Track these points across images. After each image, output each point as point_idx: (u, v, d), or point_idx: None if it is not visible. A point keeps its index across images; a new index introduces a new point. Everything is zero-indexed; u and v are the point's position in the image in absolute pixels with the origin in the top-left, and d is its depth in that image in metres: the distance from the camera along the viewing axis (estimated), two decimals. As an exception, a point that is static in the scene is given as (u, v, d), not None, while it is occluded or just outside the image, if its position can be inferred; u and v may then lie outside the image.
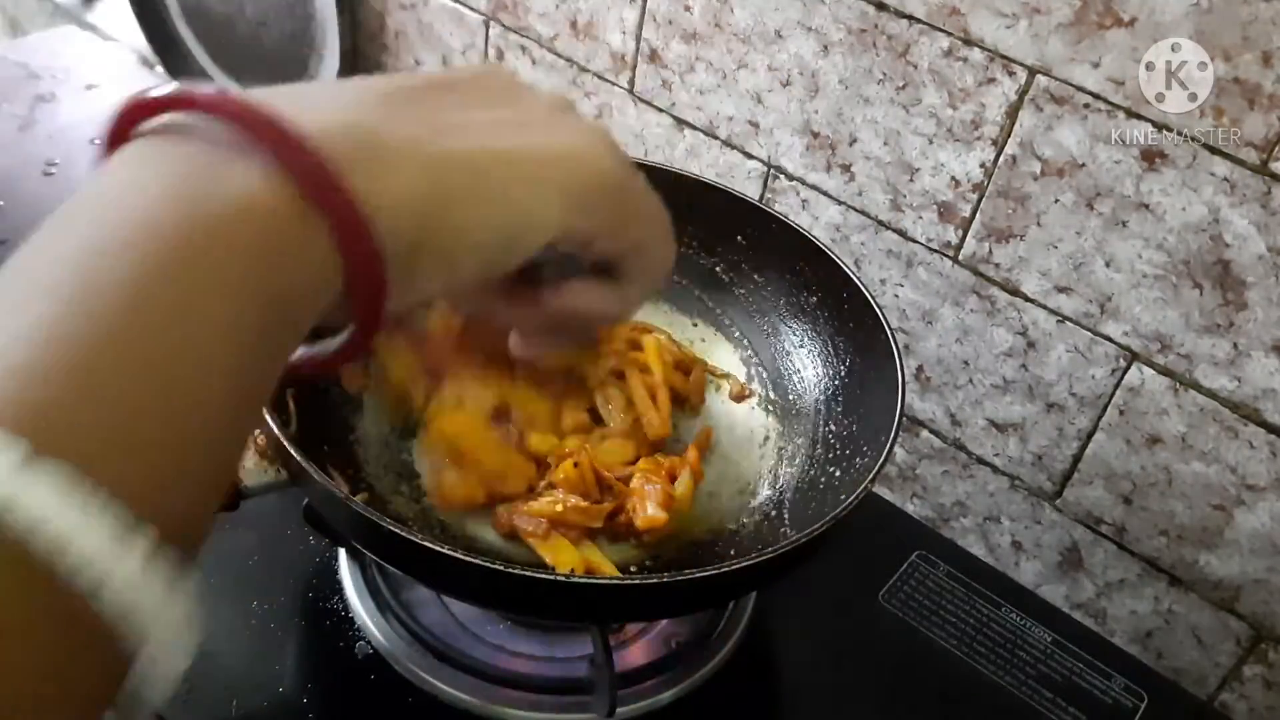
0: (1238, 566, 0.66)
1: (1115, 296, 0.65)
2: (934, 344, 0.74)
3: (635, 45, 0.81)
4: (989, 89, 0.65)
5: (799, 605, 0.67)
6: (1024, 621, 0.68)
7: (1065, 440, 0.71)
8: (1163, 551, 0.69)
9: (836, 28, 0.69)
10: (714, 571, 0.45)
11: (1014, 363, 0.71)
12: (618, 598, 0.47)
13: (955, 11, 0.64)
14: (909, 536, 0.74)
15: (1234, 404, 0.63)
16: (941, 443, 0.78)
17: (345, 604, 0.61)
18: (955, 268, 0.71)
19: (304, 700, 0.56)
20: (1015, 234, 0.67)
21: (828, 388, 0.63)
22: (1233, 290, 0.60)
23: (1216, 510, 0.66)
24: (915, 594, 0.69)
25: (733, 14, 0.74)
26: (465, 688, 0.57)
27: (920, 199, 0.71)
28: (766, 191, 0.79)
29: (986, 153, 0.66)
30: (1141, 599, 0.72)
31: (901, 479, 0.81)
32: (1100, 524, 0.72)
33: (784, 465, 0.61)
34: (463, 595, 0.55)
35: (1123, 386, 0.67)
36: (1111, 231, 0.63)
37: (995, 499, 0.76)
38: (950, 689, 0.64)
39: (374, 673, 0.58)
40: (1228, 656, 0.69)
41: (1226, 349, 0.62)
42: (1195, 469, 0.66)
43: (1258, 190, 0.57)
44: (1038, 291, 0.68)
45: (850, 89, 0.70)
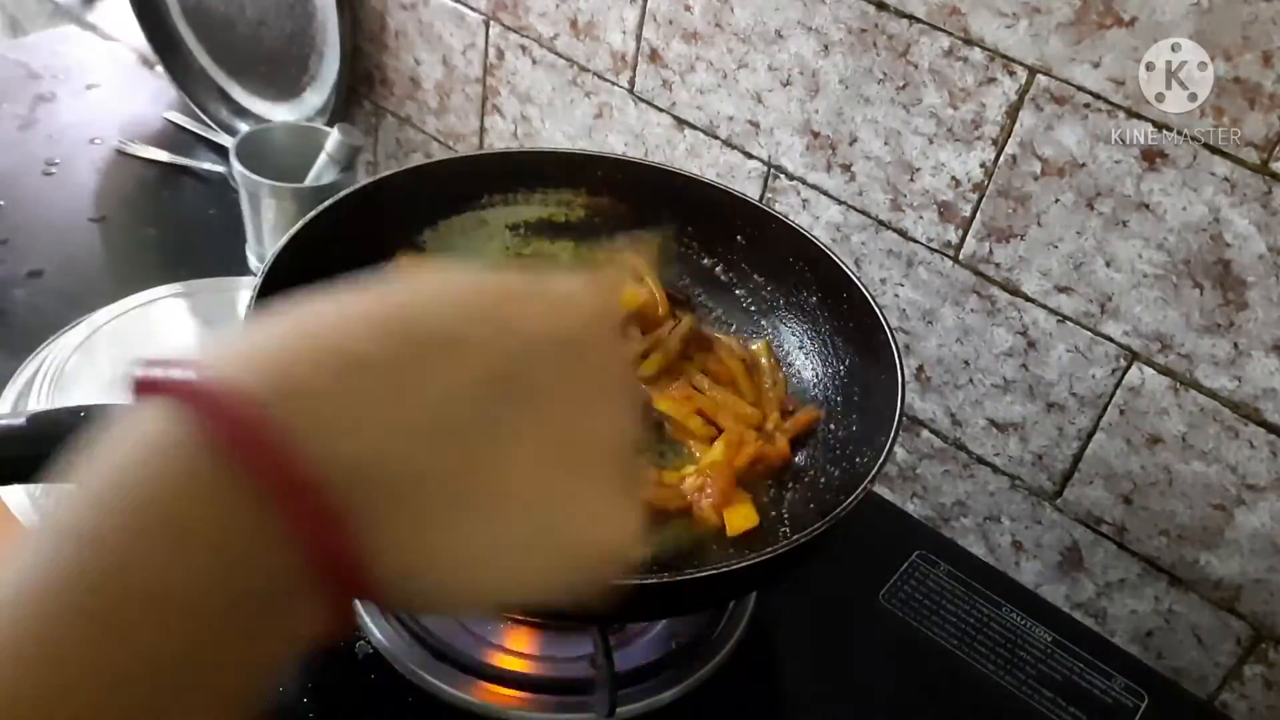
0: (1238, 566, 0.66)
1: (1115, 296, 0.65)
2: (934, 344, 0.74)
3: (636, 45, 0.81)
4: (989, 89, 0.64)
5: (799, 605, 0.67)
6: (1024, 621, 0.68)
7: (1065, 440, 0.71)
8: (1163, 551, 0.69)
9: (837, 27, 0.69)
10: (714, 571, 0.45)
11: (1014, 362, 0.71)
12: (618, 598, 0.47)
13: (955, 11, 0.64)
14: (909, 536, 0.74)
15: (1234, 404, 0.63)
16: (942, 442, 0.78)
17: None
18: (955, 267, 0.71)
19: (304, 700, 0.56)
20: (1015, 234, 0.67)
21: (828, 388, 0.63)
22: (1233, 290, 0.60)
23: (1217, 510, 0.66)
24: (915, 594, 0.69)
25: (733, 14, 0.74)
26: (465, 688, 0.57)
27: (920, 199, 0.71)
28: (767, 191, 0.79)
29: (987, 152, 0.66)
30: (1142, 599, 0.72)
31: (901, 479, 0.81)
32: (1100, 524, 0.72)
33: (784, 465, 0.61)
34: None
35: (1123, 386, 0.67)
36: (1112, 231, 0.63)
37: (995, 499, 0.76)
38: (950, 689, 0.64)
39: (374, 673, 0.58)
40: (1228, 656, 0.69)
41: (1227, 349, 0.62)
42: (1195, 469, 0.66)
43: (1258, 190, 0.57)
44: (1038, 291, 0.68)
45: (850, 89, 0.70)
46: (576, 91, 0.87)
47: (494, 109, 0.94)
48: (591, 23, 0.83)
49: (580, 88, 0.86)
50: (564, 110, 0.89)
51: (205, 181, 1.00)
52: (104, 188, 0.98)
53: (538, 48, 0.87)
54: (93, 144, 1.02)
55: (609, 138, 0.87)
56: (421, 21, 0.94)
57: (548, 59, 0.87)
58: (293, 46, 1.00)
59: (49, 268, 0.86)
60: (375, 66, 1.01)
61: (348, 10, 0.94)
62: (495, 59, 0.91)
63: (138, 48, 1.14)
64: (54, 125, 1.04)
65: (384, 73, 1.01)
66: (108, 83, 1.12)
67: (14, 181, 0.95)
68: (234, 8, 1.02)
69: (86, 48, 1.19)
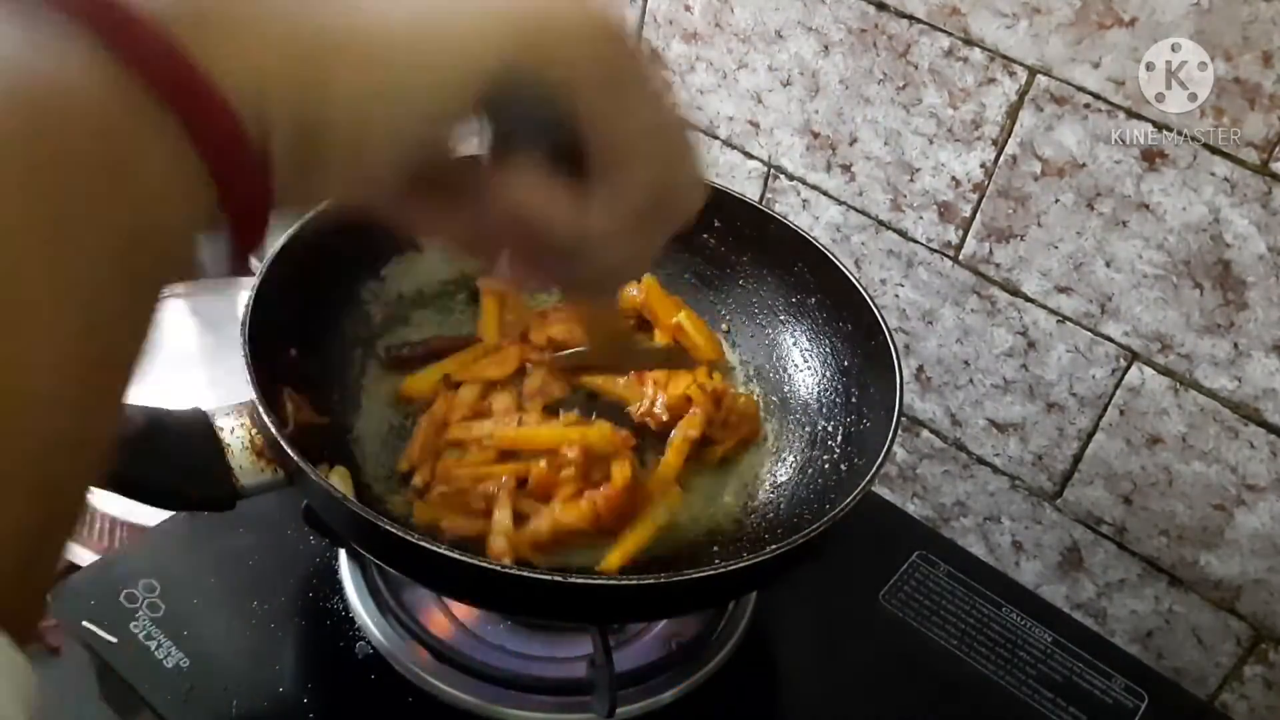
0: (1238, 566, 0.66)
1: (1115, 296, 0.65)
2: (934, 344, 0.74)
3: (635, 45, 0.81)
4: (989, 89, 0.64)
5: (799, 605, 0.67)
6: (1024, 621, 0.68)
7: (1065, 440, 0.71)
8: (1163, 551, 0.69)
9: (837, 27, 0.69)
10: (714, 571, 0.45)
11: (1014, 363, 0.71)
12: (618, 598, 0.47)
13: (955, 11, 0.64)
14: (909, 536, 0.74)
15: (1234, 404, 0.63)
16: (942, 443, 0.78)
17: (345, 604, 0.61)
18: (955, 268, 0.71)
19: (304, 700, 0.56)
20: (1016, 234, 0.67)
21: (827, 388, 0.63)
22: (1233, 290, 0.60)
23: (1217, 510, 0.66)
24: (915, 594, 0.69)
25: (733, 14, 0.74)
26: (465, 688, 0.57)
27: (921, 199, 0.71)
28: (767, 191, 0.79)
29: (987, 153, 0.66)
30: (1142, 599, 0.72)
31: (901, 479, 0.81)
32: (1100, 524, 0.72)
33: (783, 465, 0.62)
34: (462, 596, 0.55)
35: (1123, 386, 0.67)
36: (1112, 231, 0.63)
37: (995, 499, 0.76)
38: (950, 689, 0.64)
39: (374, 673, 0.58)
40: (1228, 656, 0.69)
41: (1227, 349, 0.62)
42: (1195, 469, 0.65)
43: (1258, 190, 0.57)
44: (1038, 291, 0.68)
45: (850, 89, 0.70)
46: (576, 91, 0.87)
47: (494, 109, 0.94)
48: (591, 23, 0.83)
49: (580, 88, 0.86)
50: (564, 110, 0.89)
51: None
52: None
53: (538, 48, 0.87)
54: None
55: (609, 138, 0.87)
56: (421, 21, 0.94)
57: (548, 59, 0.87)
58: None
59: (49, 268, 0.85)
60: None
61: (348, 10, 0.94)
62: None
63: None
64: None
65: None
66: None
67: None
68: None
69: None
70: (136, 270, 0.20)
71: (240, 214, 0.21)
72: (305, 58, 0.22)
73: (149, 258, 0.20)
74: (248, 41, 0.21)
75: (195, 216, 0.21)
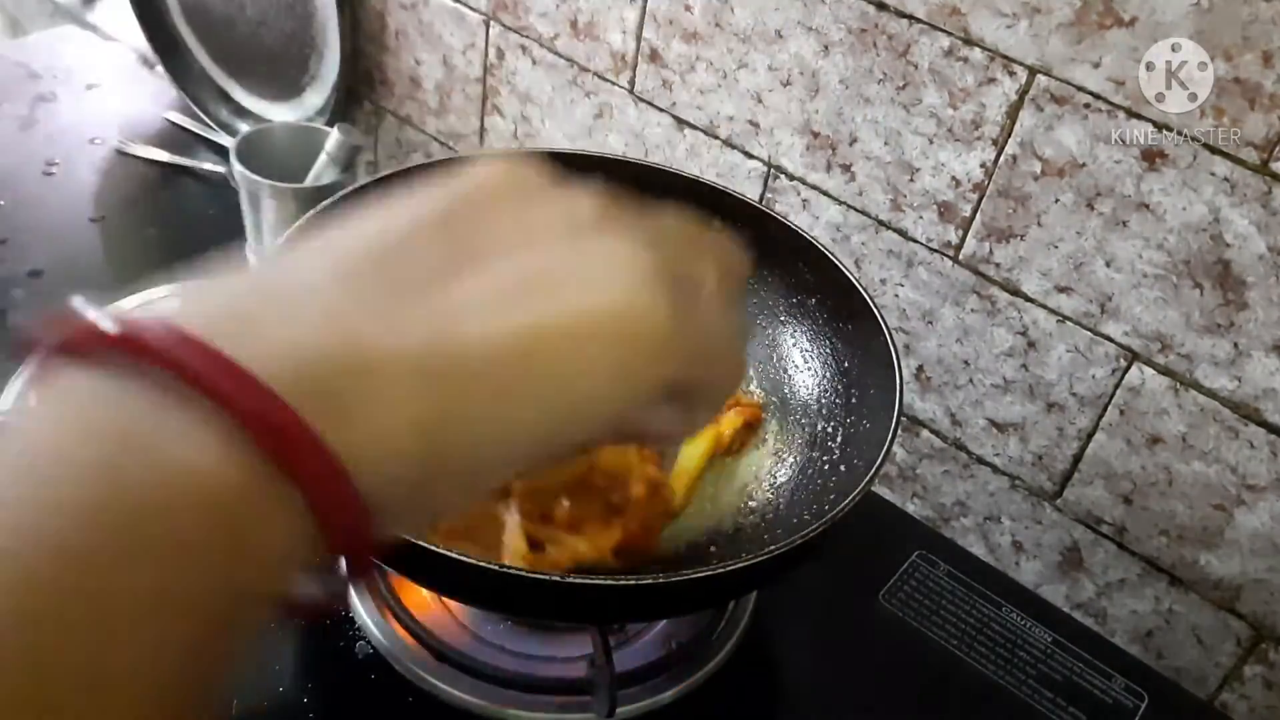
0: (1238, 566, 0.66)
1: (1115, 296, 0.65)
2: (934, 344, 0.74)
3: (636, 45, 0.81)
4: (989, 89, 0.64)
5: (799, 605, 0.67)
6: (1024, 621, 0.68)
7: (1065, 440, 0.71)
8: (1163, 551, 0.69)
9: (837, 27, 0.69)
10: (714, 571, 0.45)
11: (1014, 363, 0.71)
12: (618, 598, 0.47)
13: (955, 11, 0.64)
14: (909, 536, 0.74)
15: (1234, 404, 0.63)
16: (942, 443, 0.78)
17: (345, 604, 0.61)
18: (955, 268, 0.71)
19: (304, 700, 0.56)
20: (1016, 234, 0.67)
21: (827, 388, 0.63)
22: (1233, 290, 0.60)
23: (1217, 510, 0.66)
24: (915, 594, 0.69)
25: (733, 14, 0.74)
26: (465, 688, 0.57)
27: (921, 199, 0.71)
28: (767, 191, 0.79)
29: (987, 152, 0.66)
30: (1142, 599, 0.72)
31: (901, 479, 0.81)
32: (1100, 524, 0.72)
33: (783, 465, 0.62)
34: (462, 597, 0.55)
35: (1123, 386, 0.67)
36: (1112, 231, 0.63)
37: (995, 499, 0.76)
38: (950, 689, 0.64)
39: (374, 673, 0.58)
40: (1228, 656, 0.69)
41: (1227, 349, 0.62)
42: (1195, 469, 0.66)
43: (1258, 190, 0.57)
44: (1038, 291, 0.68)
45: (850, 89, 0.70)
46: (577, 92, 0.87)
47: (494, 109, 0.94)
48: (591, 23, 0.83)
49: (580, 88, 0.86)
50: (564, 110, 0.89)
51: (205, 181, 1.00)
52: (104, 188, 0.98)
53: (538, 48, 0.87)
54: (93, 144, 1.02)
55: (609, 138, 0.87)
56: (421, 21, 0.94)
57: (548, 59, 0.87)
58: (292, 46, 1.00)
59: (49, 268, 0.86)
60: (375, 66, 1.01)
61: (348, 10, 0.94)
62: (495, 59, 0.91)
63: (138, 48, 1.14)
64: (54, 125, 1.04)
65: (384, 73, 1.01)
66: (108, 83, 1.12)
67: (14, 181, 0.95)
68: (234, 8, 1.02)
69: (86, 48, 1.19)
70: (240, 621, 0.20)
71: (349, 557, 0.22)
72: (431, 413, 0.22)
73: (253, 611, 0.21)
74: (372, 403, 0.21)
75: (296, 565, 0.21)
